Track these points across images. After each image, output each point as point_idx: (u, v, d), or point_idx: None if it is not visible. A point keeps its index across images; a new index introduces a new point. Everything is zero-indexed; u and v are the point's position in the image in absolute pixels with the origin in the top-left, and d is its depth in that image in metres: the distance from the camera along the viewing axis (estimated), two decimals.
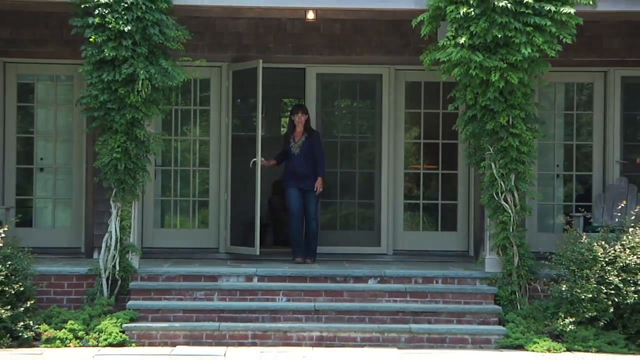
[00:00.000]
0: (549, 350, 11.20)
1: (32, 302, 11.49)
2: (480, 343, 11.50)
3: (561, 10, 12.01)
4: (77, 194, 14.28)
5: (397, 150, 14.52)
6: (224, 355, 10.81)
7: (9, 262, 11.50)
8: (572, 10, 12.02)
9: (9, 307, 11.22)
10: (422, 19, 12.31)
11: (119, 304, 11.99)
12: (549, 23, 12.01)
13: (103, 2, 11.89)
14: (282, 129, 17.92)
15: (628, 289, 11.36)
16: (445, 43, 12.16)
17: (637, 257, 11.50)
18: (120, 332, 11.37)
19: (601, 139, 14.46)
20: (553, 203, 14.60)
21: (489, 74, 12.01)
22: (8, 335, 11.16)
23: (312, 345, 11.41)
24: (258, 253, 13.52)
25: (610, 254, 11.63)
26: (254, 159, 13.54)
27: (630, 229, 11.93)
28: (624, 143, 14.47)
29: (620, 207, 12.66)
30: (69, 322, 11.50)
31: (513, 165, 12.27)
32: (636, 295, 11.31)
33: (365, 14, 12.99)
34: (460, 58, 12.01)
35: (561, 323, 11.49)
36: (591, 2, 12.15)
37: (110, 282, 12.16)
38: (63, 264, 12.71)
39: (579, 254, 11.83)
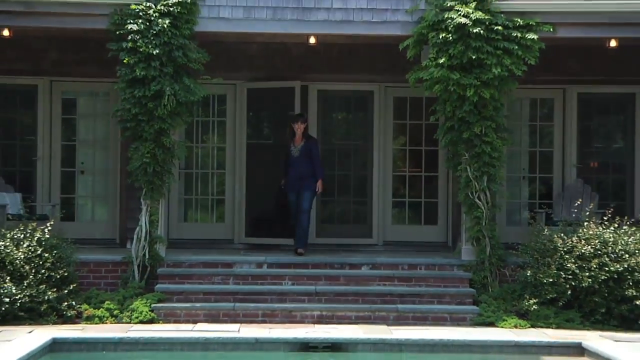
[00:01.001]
0: (516, 326, 11.21)
1: (74, 285, 11.53)
2: (458, 320, 11.51)
3: (526, 36, 12.08)
4: (113, 193, 14.31)
5: (386, 155, 14.53)
6: (238, 331, 10.80)
7: (55, 251, 11.57)
8: (536, 36, 12.09)
9: (55, 289, 11.26)
10: (408, 43, 12.33)
11: (148, 287, 11.99)
12: (516, 47, 12.06)
13: (135, 29, 11.92)
14: None
15: (583, 274, 11.36)
16: (427, 64, 12.21)
17: (591, 247, 11.51)
18: (150, 311, 11.39)
19: (560, 146, 14.47)
20: (519, 201, 14.61)
21: (464, 90, 12.03)
22: (54, 313, 11.18)
23: (314, 323, 11.41)
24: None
25: (568, 244, 11.66)
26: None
27: (585, 223, 11.93)
28: (579, 150, 14.50)
29: (576, 204, 12.66)
30: (106, 302, 11.52)
31: (485, 168, 12.27)
32: (590, 280, 11.31)
33: (359, 39, 12.98)
34: (440, 76, 12.05)
35: (526, 303, 11.51)
36: (552, 30, 12.20)
37: (140, 268, 12.15)
38: (100, 253, 12.74)
39: (541, 245, 11.87)
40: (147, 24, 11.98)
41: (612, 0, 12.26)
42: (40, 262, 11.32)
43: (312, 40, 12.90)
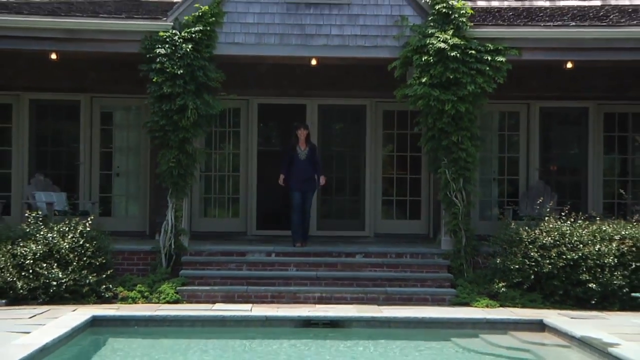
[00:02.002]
0: (487, 306, 11.24)
1: (111, 271, 11.56)
2: (438, 301, 11.51)
3: (496, 58, 12.13)
4: (143, 192, 14.32)
5: (377, 160, 14.53)
6: (250, 310, 10.80)
7: (95, 242, 11.61)
8: (504, 59, 12.13)
9: (95, 274, 11.30)
10: (395, 64, 12.36)
11: (174, 272, 11.99)
12: (487, 68, 12.10)
13: (163, 53, 11.97)
14: None
15: (544, 261, 11.39)
16: (412, 82, 12.24)
17: (551, 238, 11.54)
18: (175, 293, 11.42)
19: (525, 152, 14.48)
20: (490, 199, 14.60)
21: (443, 105, 12.06)
22: (94, 295, 11.24)
23: (315, 303, 11.42)
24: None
25: (532, 236, 11.67)
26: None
27: (546, 218, 11.96)
28: (541, 155, 14.51)
29: (539, 202, 12.69)
30: (138, 285, 11.55)
31: (461, 171, 12.29)
32: (550, 266, 11.34)
33: (354, 61, 12.98)
34: (423, 93, 12.08)
35: (496, 286, 11.52)
36: (518, 53, 12.24)
37: (167, 256, 12.16)
38: (133, 243, 12.72)
39: (509, 236, 11.88)
40: (173, 48, 12.02)
41: (568, 29, 12.31)
42: (83, 251, 11.37)
43: (314, 62, 12.92)
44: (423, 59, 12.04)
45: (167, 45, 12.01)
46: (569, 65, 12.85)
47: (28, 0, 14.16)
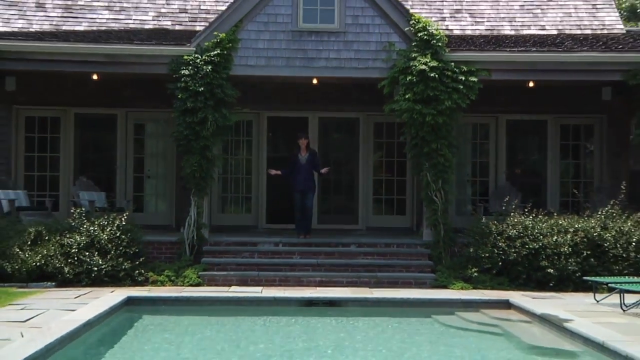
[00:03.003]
0: (462, 288, 11.27)
1: (143, 258, 11.61)
2: (420, 284, 11.53)
3: (469, 78, 12.18)
4: (170, 192, 14.36)
5: (368, 165, 14.57)
6: (261, 292, 10.85)
7: (129, 234, 11.66)
8: (476, 79, 12.20)
9: (129, 261, 11.37)
10: (384, 83, 12.42)
11: (196, 260, 12.01)
12: (461, 86, 12.15)
13: (187, 73, 12.04)
14: None
15: (510, 250, 11.45)
16: (398, 98, 12.29)
17: (516, 231, 11.59)
18: (197, 277, 11.45)
19: (494, 158, 14.53)
20: (465, 197, 14.61)
21: (425, 118, 12.10)
22: (129, 278, 11.30)
23: (316, 286, 11.45)
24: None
25: (499, 229, 11.72)
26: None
27: (512, 214, 12.00)
28: (508, 160, 14.55)
29: (505, 200, 12.70)
30: (166, 271, 11.59)
31: (440, 174, 12.31)
32: (515, 254, 11.39)
33: (349, 80, 13.03)
34: (407, 108, 12.13)
35: (469, 272, 11.57)
36: (488, 74, 12.30)
37: (190, 246, 12.19)
38: (161, 235, 12.72)
39: (480, 229, 11.92)
40: (195, 69, 12.08)
41: (530, 54, 12.38)
42: (119, 242, 11.43)
43: (315, 81, 12.98)
44: (407, 79, 12.10)
45: (190, 67, 12.08)
46: (531, 84, 12.94)
47: (74, 29, 14.29)
